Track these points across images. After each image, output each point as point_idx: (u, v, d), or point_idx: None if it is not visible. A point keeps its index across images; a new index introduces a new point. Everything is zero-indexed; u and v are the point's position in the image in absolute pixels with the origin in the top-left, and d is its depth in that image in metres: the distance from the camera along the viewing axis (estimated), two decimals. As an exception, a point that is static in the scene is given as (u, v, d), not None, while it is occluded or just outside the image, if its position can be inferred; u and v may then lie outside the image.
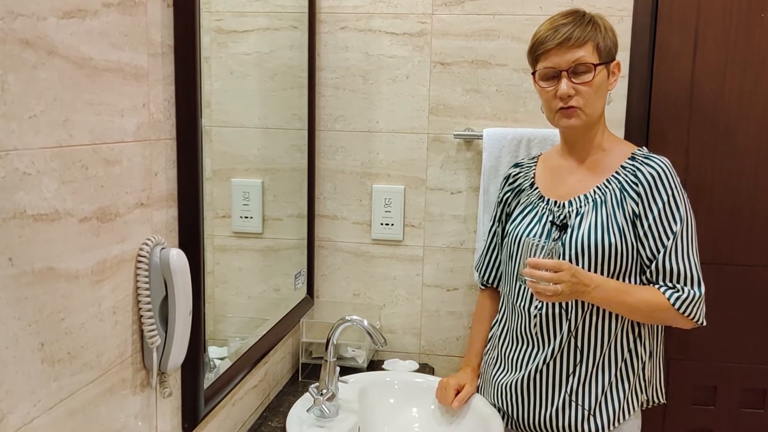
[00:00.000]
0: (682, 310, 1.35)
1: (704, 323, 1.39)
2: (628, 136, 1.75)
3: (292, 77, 1.73)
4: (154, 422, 1.06)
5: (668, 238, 1.34)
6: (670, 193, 1.35)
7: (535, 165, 1.54)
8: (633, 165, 1.38)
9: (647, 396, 1.44)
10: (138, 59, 0.96)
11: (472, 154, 1.84)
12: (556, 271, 1.27)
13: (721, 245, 1.79)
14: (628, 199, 1.36)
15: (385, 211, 1.89)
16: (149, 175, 1.00)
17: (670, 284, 1.35)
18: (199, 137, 1.09)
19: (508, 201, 1.55)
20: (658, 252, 1.35)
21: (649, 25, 1.72)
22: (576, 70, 1.34)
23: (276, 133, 1.66)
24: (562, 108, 1.36)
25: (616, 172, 1.39)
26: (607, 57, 1.37)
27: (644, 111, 1.76)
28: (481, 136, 1.77)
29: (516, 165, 1.58)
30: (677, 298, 1.34)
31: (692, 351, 1.84)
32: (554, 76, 1.35)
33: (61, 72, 0.79)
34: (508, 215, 1.54)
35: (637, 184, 1.36)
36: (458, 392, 1.52)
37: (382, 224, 1.90)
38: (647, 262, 1.37)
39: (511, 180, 1.56)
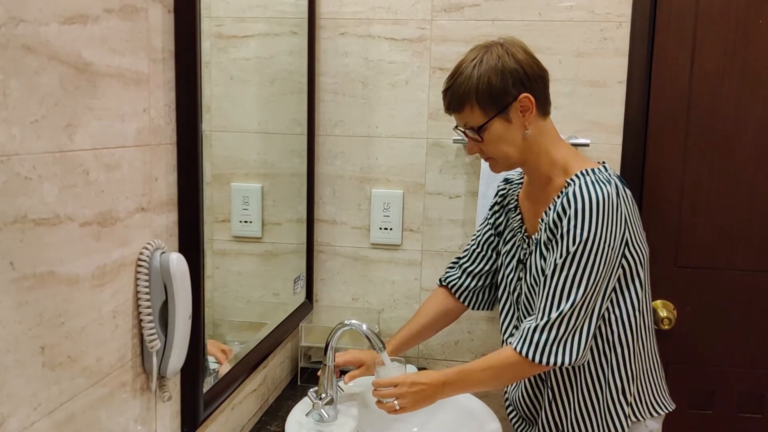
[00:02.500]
0: (518, 350, 1.27)
1: (549, 363, 1.25)
2: (626, 142, 1.76)
3: (292, 82, 1.74)
4: (154, 426, 1.07)
5: (544, 278, 1.30)
6: (565, 235, 1.25)
7: (521, 183, 1.51)
8: (558, 199, 1.30)
9: (641, 414, 1.38)
10: (139, 64, 0.96)
11: (470, 159, 1.84)
12: (395, 387, 1.34)
13: (719, 251, 1.79)
14: (546, 241, 1.32)
15: (384, 216, 1.89)
16: (149, 180, 1.01)
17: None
18: (200, 142, 1.10)
19: (498, 220, 1.54)
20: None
21: (647, 31, 1.73)
22: (469, 130, 1.35)
23: (276, 137, 1.67)
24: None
25: (549, 206, 1.33)
26: (498, 105, 1.30)
27: (642, 117, 1.77)
28: (480, 141, 1.77)
29: (506, 180, 1.57)
30: (515, 339, 1.29)
31: (690, 356, 1.84)
32: None
33: (62, 77, 0.79)
34: (500, 234, 1.54)
35: (552, 224, 1.29)
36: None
37: (380, 229, 1.90)
38: None
39: (499, 199, 1.55)
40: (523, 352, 1.27)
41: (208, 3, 1.23)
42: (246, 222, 1.57)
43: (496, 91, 1.29)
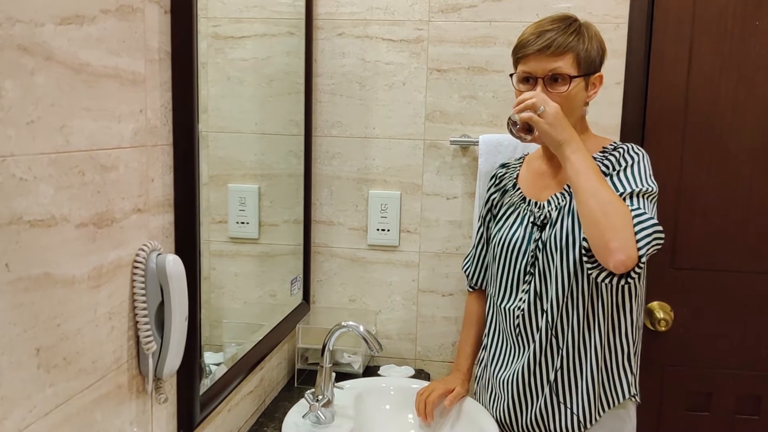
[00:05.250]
0: (635, 224, 1.23)
1: (639, 263, 1.22)
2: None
3: (289, 83, 1.73)
4: (150, 428, 1.06)
5: (624, 187, 1.29)
6: (635, 160, 1.33)
7: (520, 165, 1.56)
8: (602, 155, 1.38)
9: (635, 390, 1.41)
10: (135, 65, 0.96)
11: (468, 160, 1.84)
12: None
13: (716, 252, 1.79)
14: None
15: (381, 217, 1.89)
16: (146, 181, 1.00)
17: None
18: (196, 143, 1.09)
19: (494, 202, 1.56)
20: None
21: (644, 32, 1.73)
22: (552, 79, 1.34)
23: (273, 138, 1.66)
24: None
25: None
26: (588, 69, 1.36)
27: (639, 118, 1.77)
28: (477, 142, 1.77)
29: (502, 165, 1.61)
30: (635, 212, 1.24)
31: (687, 357, 1.84)
32: (531, 81, 1.36)
33: (58, 78, 0.79)
34: (494, 216, 1.55)
35: (606, 167, 1.35)
36: (446, 395, 1.53)
37: (378, 230, 1.90)
38: None
39: (497, 181, 1.58)
40: (633, 215, 1.23)
41: (204, 3, 1.23)
42: (243, 223, 1.57)
43: (593, 57, 1.37)
